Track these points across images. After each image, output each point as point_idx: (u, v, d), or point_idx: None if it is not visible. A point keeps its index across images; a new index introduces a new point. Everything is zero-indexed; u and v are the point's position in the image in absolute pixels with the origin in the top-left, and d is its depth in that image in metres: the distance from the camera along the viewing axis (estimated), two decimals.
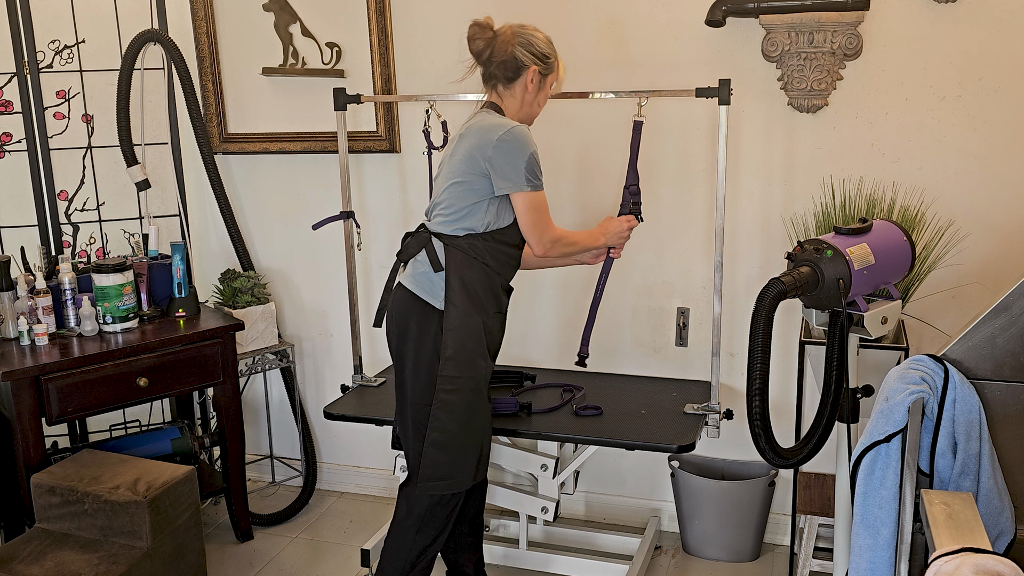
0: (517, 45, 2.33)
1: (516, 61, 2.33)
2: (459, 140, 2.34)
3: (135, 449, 2.99)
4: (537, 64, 2.34)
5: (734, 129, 2.84)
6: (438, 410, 2.31)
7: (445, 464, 2.34)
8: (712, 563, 3.01)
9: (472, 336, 2.30)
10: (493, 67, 2.36)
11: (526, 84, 2.35)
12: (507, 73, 2.35)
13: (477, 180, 2.28)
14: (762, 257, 2.93)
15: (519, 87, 2.36)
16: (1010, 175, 2.64)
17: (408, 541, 2.40)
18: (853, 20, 2.60)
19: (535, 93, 2.38)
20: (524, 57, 2.33)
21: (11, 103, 3.15)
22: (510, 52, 2.33)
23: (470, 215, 2.30)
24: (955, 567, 1.49)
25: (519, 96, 2.38)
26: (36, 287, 2.85)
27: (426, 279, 2.33)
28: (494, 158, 2.24)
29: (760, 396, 1.88)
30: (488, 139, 2.25)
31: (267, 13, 3.25)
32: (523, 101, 2.38)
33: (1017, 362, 1.83)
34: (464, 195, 2.30)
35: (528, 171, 2.26)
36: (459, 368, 2.29)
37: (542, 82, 2.38)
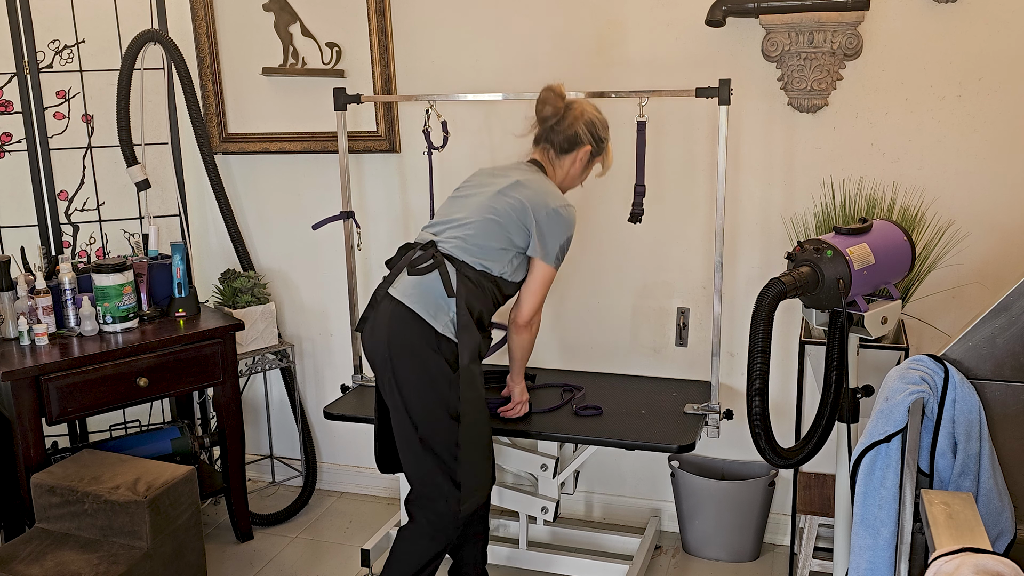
0: (583, 124, 2.46)
1: (576, 136, 2.46)
2: (512, 185, 2.41)
3: (135, 449, 2.99)
4: (592, 145, 2.48)
5: (734, 129, 2.84)
6: (471, 431, 2.33)
7: (478, 478, 2.38)
8: (712, 563, 3.01)
9: (476, 359, 2.36)
10: (554, 135, 2.48)
11: (576, 159, 2.48)
12: (564, 144, 2.48)
13: (518, 231, 2.37)
14: (762, 257, 2.93)
15: (568, 160, 2.49)
16: (1010, 175, 2.64)
17: (422, 548, 2.40)
18: (853, 20, 2.60)
19: (580, 170, 2.51)
20: (584, 135, 2.46)
21: (11, 103, 3.16)
22: (575, 130, 2.46)
23: (495, 257, 2.37)
24: (955, 567, 1.49)
25: (566, 168, 2.50)
26: (36, 287, 2.85)
27: (431, 300, 2.32)
28: (544, 223, 2.37)
29: (760, 396, 1.88)
30: (547, 203, 2.37)
31: (267, 13, 3.25)
32: (568, 173, 2.51)
33: (1017, 362, 1.83)
34: (498, 237, 2.37)
35: (561, 250, 2.41)
36: (476, 388, 2.35)
37: (589, 162, 2.52)
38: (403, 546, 2.41)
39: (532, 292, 2.42)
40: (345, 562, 3.09)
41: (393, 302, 2.34)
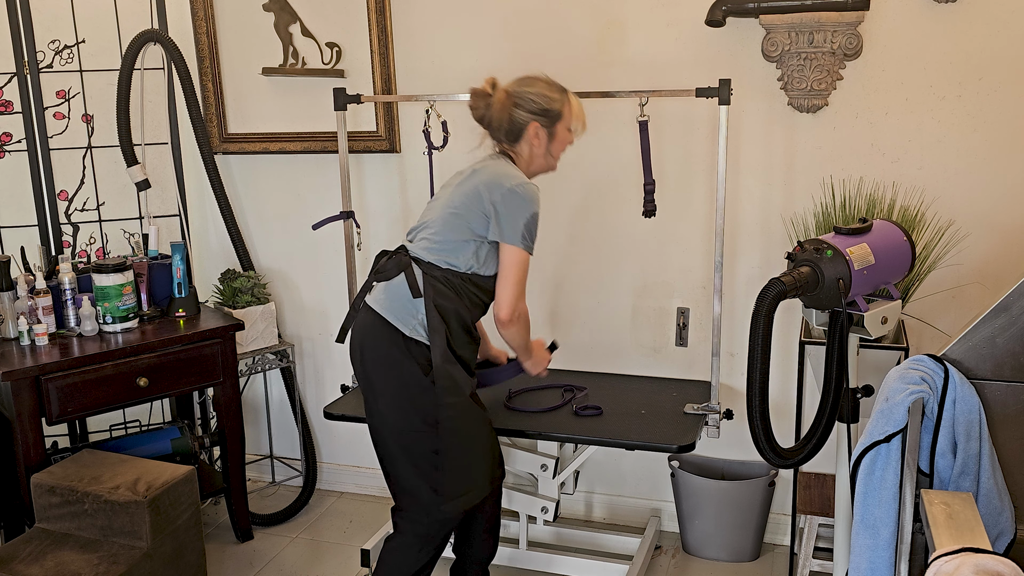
0: (512, 108, 2.32)
1: (515, 124, 2.33)
2: (470, 174, 2.34)
3: (135, 449, 2.99)
4: (538, 119, 2.33)
5: (734, 129, 2.84)
6: (449, 438, 2.29)
7: (464, 482, 2.34)
8: (712, 563, 3.01)
9: (455, 360, 2.29)
10: (495, 131, 2.38)
11: (531, 140, 2.35)
12: (509, 135, 2.36)
13: (476, 218, 2.28)
14: (762, 257, 2.93)
15: (525, 145, 2.37)
16: (1010, 175, 2.64)
17: (411, 558, 2.37)
18: (853, 20, 2.60)
19: (544, 147, 2.37)
20: (522, 117, 2.32)
21: (11, 103, 3.15)
22: (507, 116, 2.33)
23: (457, 251, 2.29)
24: (955, 567, 1.49)
25: (527, 152, 2.38)
26: (36, 287, 2.85)
27: (399, 305, 2.29)
28: (501, 205, 2.25)
29: (760, 396, 1.88)
30: (500, 184, 2.26)
31: (267, 13, 3.25)
32: (533, 155, 2.38)
33: (1017, 362, 1.83)
34: (457, 229, 2.29)
35: (526, 229, 2.26)
36: (452, 394, 2.28)
37: (550, 134, 2.36)
38: (390, 557, 2.39)
39: (504, 279, 2.29)
40: (345, 562, 3.09)
41: (367, 310, 2.35)
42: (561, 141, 2.39)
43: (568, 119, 2.38)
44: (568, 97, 2.38)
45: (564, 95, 2.36)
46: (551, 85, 2.36)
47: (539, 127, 2.33)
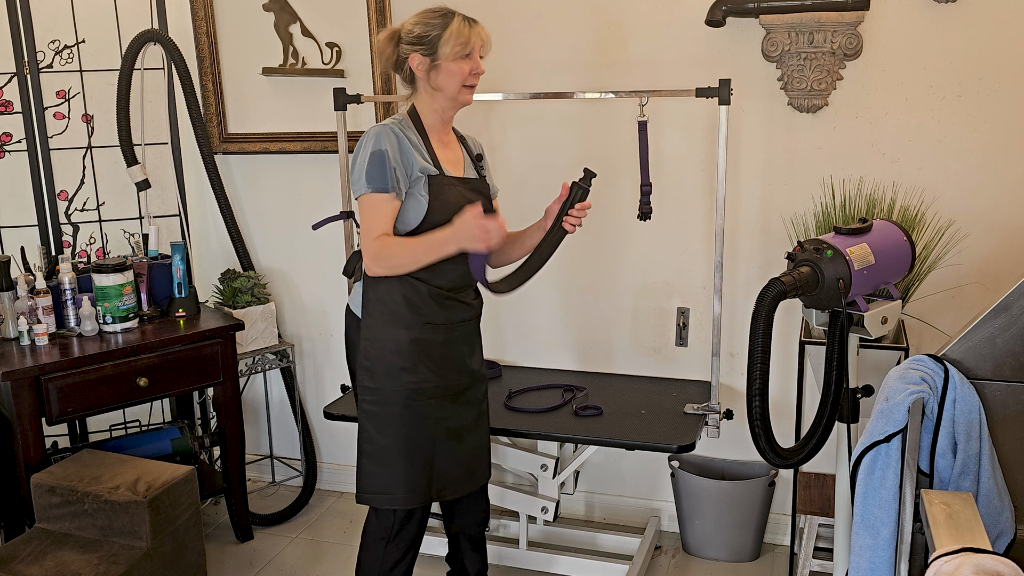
0: (396, 45, 2.19)
1: (400, 61, 2.21)
2: None
3: (135, 449, 2.99)
4: (416, 49, 2.16)
5: (734, 129, 2.84)
6: (363, 421, 2.26)
7: (379, 477, 2.26)
8: (712, 563, 3.01)
9: (392, 349, 2.20)
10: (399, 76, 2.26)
11: (419, 75, 2.19)
12: (403, 75, 2.24)
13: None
14: (762, 257, 2.93)
15: (419, 83, 2.21)
16: (1010, 175, 2.64)
17: (379, 555, 2.34)
18: (853, 20, 2.60)
19: (427, 79, 2.18)
20: (403, 51, 2.18)
21: (11, 103, 3.15)
22: (392, 52, 2.20)
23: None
24: (955, 567, 1.49)
25: (423, 91, 2.21)
26: (36, 287, 2.85)
27: (357, 292, 2.30)
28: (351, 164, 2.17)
29: (760, 396, 1.88)
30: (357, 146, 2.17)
31: (267, 13, 3.25)
32: (429, 92, 2.20)
33: (1017, 362, 1.83)
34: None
35: (368, 171, 2.10)
36: (377, 380, 2.22)
37: (433, 63, 2.16)
38: (362, 555, 2.39)
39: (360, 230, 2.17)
40: (345, 562, 3.09)
41: (347, 307, 2.37)
42: (448, 71, 2.15)
43: (450, 46, 2.13)
44: (452, 20, 2.15)
45: (445, 18, 2.15)
46: (432, 11, 2.17)
47: (420, 56, 2.16)
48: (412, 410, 2.23)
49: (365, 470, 2.28)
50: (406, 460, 2.25)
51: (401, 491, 2.26)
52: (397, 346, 2.21)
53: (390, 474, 2.25)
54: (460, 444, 2.33)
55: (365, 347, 2.23)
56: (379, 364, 2.22)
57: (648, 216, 2.60)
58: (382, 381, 2.22)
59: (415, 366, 2.22)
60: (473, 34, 2.17)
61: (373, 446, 2.26)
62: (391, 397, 2.22)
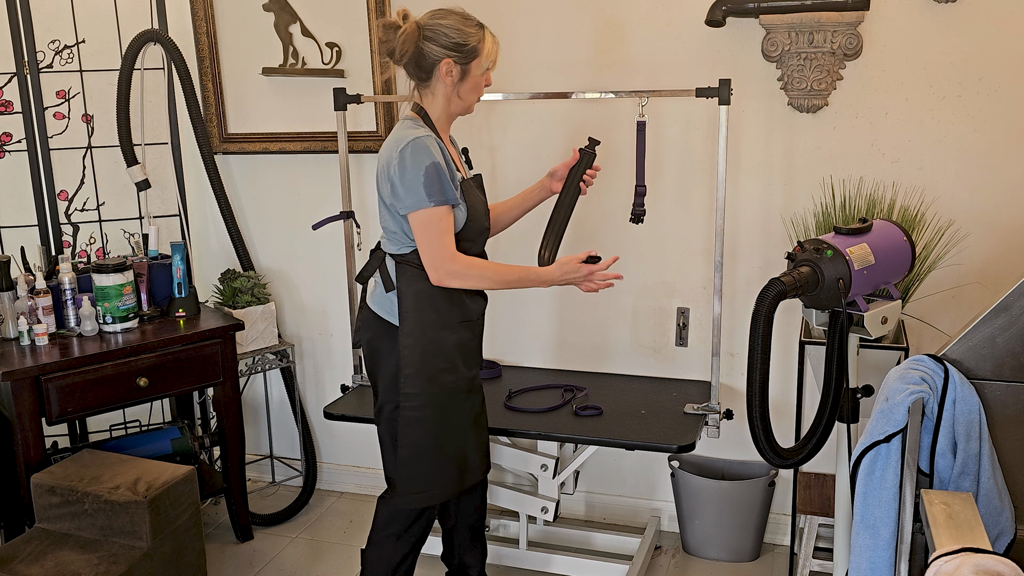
0: (423, 40, 2.14)
1: (426, 59, 2.15)
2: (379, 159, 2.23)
3: (135, 449, 2.99)
4: (451, 55, 2.15)
5: (734, 129, 2.84)
6: (405, 427, 2.27)
7: (419, 478, 2.30)
8: (712, 563, 3.01)
9: (434, 352, 2.23)
10: (406, 67, 2.20)
11: (443, 79, 2.17)
12: (420, 73, 2.19)
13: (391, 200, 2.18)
14: (762, 257, 2.93)
15: (437, 84, 2.19)
16: (1010, 175, 2.64)
17: (388, 550, 2.37)
18: (853, 20, 2.60)
19: (455, 85, 2.19)
20: (434, 52, 2.14)
21: (11, 103, 3.15)
22: (417, 50, 2.15)
23: (407, 233, 2.20)
24: (955, 567, 1.49)
25: (441, 92, 2.21)
26: (36, 287, 2.85)
27: (384, 299, 2.28)
28: (395, 177, 2.12)
29: (760, 396, 1.88)
30: (391, 159, 2.13)
31: (267, 13, 3.25)
32: (447, 97, 2.21)
33: (1017, 362, 1.83)
34: (391, 215, 2.21)
35: (426, 187, 2.09)
36: (420, 384, 2.23)
37: (463, 71, 2.18)
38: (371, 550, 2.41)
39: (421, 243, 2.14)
40: (345, 562, 3.09)
41: (366, 309, 2.35)
42: (474, 82, 2.21)
43: (481, 57, 2.18)
44: (485, 33, 2.19)
45: (481, 30, 2.18)
46: (467, 19, 2.17)
47: (452, 64, 2.15)
48: (448, 409, 2.28)
49: (406, 474, 2.30)
50: (446, 457, 2.31)
51: (438, 487, 2.31)
52: (439, 348, 2.24)
53: (430, 474, 2.30)
54: (480, 432, 2.42)
55: (408, 353, 2.22)
56: (423, 369, 2.23)
57: (641, 219, 2.57)
58: (425, 386, 2.24)
59: (454, 365, 2.27)
60: (497, 49, 2.24)
61: (415, 450, 2.28)
62: (433, 400, 2.25)
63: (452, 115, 2.28)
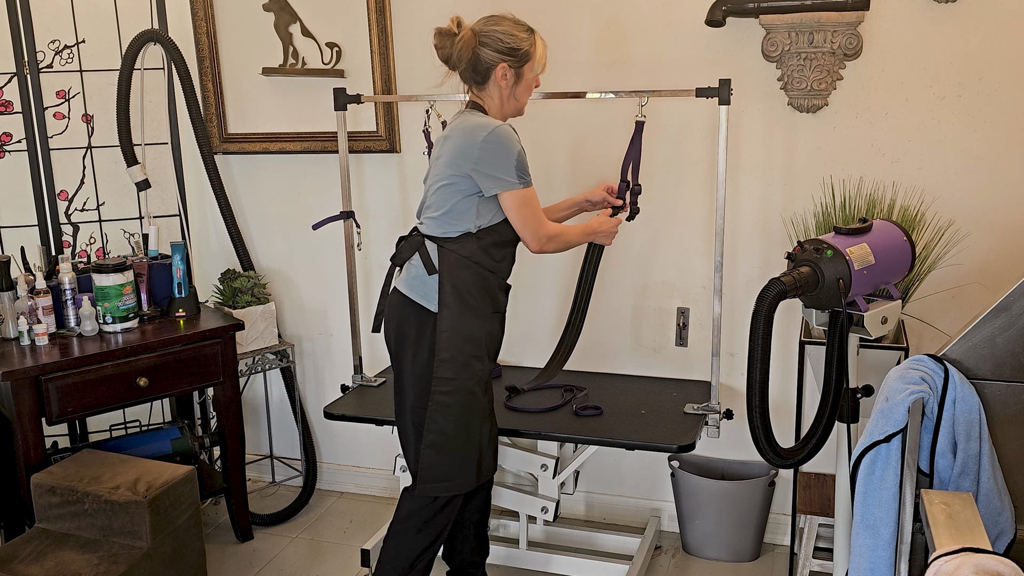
0: (479, 46, 2.27)
1: (482, 63, 2.28)
2: (444, 142, 2.33)
3: (135, 449, 2.99)
4: (506, 59, 2.28)
5: (734, 129, 2.84)
6: (435, 412, 2.31)
7: (443, 466, 2.34)
8: (712, 563, 3.01)
9: (468, 338, 2.31)
10: (463, 72, 2.33)
11: (498, 82, 2.30)
12: (476, 76, 2.32)
13: (463, 181, 2.27)
14: (762, 257, 2.93)
15: (493, 87, 2.32)
16: (1010, 175, 2.64)
17: (409, 542, 2.41)
18: (853, 20, 2.60)
19: (509, 88, 2.32)
20: (489, 57, 2.27)
21: (11, 103, 3.16)
22: (474, 55, 2.28)
23: (461, 217, 2.30)
24: (955, 567, 1.49)
25: (496, 95, 2.34)
26: (36, 287, 2.85)
27: (420, 283, 2.33)
28: (481, 159, 2.23)
29: (760, 396, 1.88)
30: (473, 140, 2.23)
31: (267, 13, 3.25)
32: (502, 98, 2.34)
33: (1017, 362, 1.83)
34: (452, 196, 2.29)
35: (518, 169, 2.25)
36: (454, 370, 2.30)
37: (517, 75, 2.31)
38: (390, 540, 2.43)
39: (521, 222, 2.30)
40: (345, 562, 3.09)
41: (396, 292, 2.40)
42: (527, 84, 2.35)
43: (534, 60, 2.32)
44: (535, 38, 2.32)
45: (532, 35, 2.31)
46: (519, 24, 2.30)
47: (507, 68, 2.28)
48: (475, 396, 2.35)
49: (430, 461, 2.34)
50: (470, 446, 2.36)
51: (461, 477, 2.36)
52: (473, 336, 2.31)
53: (454, 461, 2.35)
54: (493, 426, 2.46)
55: (445, 338, 2.29)
56: (458, 355, 2.30)
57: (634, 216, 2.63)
58: (459, 371, 2.31)
59: (483, 354, 2.35)
60: (546, 52, 2.39)
61: (443, 436, 2.33)
62: (464, 386, 2.32)
63: (505, 116, 2.38)
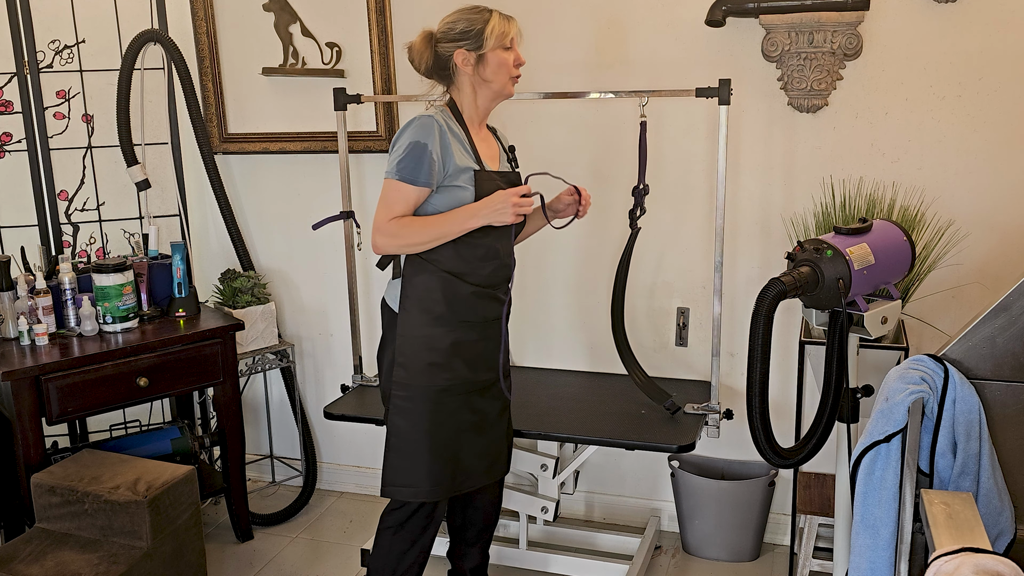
0: (431, 42, 2.23)
1: (441, 58, 2.23)
2: None
3: (135, 449, 2.99)
4: (460, 45, 2.20)
5: (734, 129, 2.84)
6: (394, 415, 2.29)
7: (405, 470, 2.29)
8: (712, 563, 3.01)
9: (427, 346, 2.24)
10: (432, 75, 2.29)
11: (462, 69, 2.22)
12: (442, 73, 2.26)
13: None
14: (762, 257, 2.93)
15: (460, 77, 2.25)
16: (1010, 175, 2.64)
17: (386, 544, 2.39)
18: (853, 20, 2.60)
19: (475, 71, 2.22)
20: (445, 48, 2.21)
21: (11, 103, 3.15)
22: (433, 53, 2.23)
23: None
24: (955, 567, 1.49)
25: (466, 85, 2.25)
26: (36, 287, 2.85)
27: (393, 286, 2.33)
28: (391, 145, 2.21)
29: (760, 396, 1.88)
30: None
31: (267, 13, 3.25)
32: (473, 85, 2.25)
33: (1017, 362, 1.83)
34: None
35: (402, 159, 2.13)
36: (409, 376, 2.25)
37: (479, 57, 2.21)
38: (374, 543, 2.42)
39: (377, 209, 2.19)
40: (345, 562, 3.09)
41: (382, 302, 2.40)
42: (497, 62, 2.22)
43: (496, 37, 2.20)
44: (490, 14, 2.22)
45: (484, 13, 2.22)
46: (472, 8, 2.23)
47: (464, 52, 2.20)
48: (443, 406, 2.28)
49: (392, 463, 2.31)
50: (433, 454, 2.29)
51: (426, 484, 2.30)
52: (433, 343, 2.25)
53: (416, 467, 2.29)
54: (482, 437, 2.38)
55: (401, 343, 2.26)
56: (414, 361, 2.25)
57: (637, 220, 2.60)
58: (416, 378, 2.25)
59: (449, 363, 2.26)
60: (512, 26, 2.25)
61: (402, 440, 2.29)
62: (424, 393, 2.26)
63: (486, 105, 2.29)
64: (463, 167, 2.20)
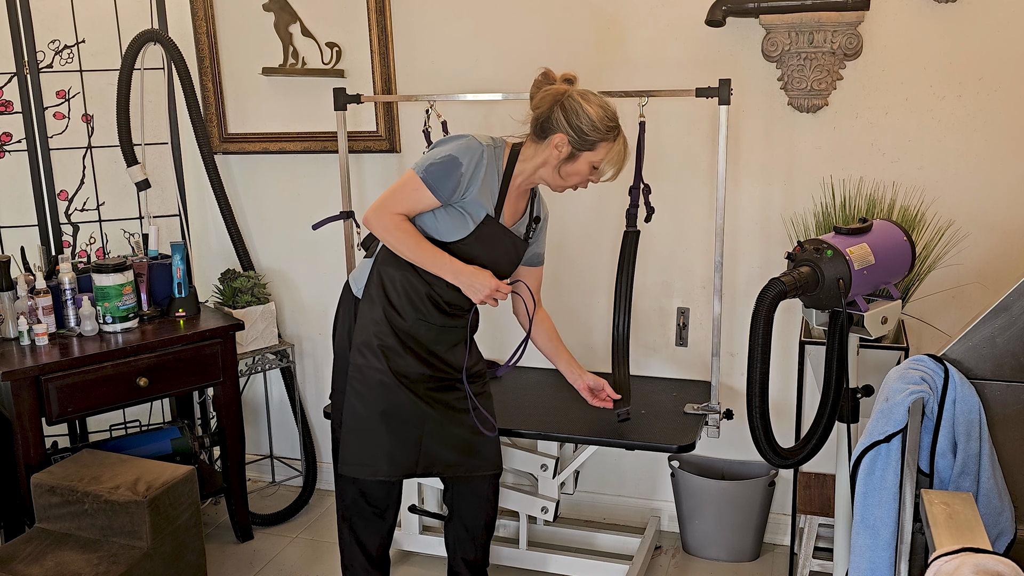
0: (557, 106, 2.21)
1: (550, 123, 2.22)
2: None
3: (135, 449, 2.99)
4: (568, 135, 2.20)
5: (734, 129, 2.84)
6: (350, 395, 2.35)
7: (361, 449, 2.35)
8: (712, 563, 3.01)
9: (386, 331, 2.31)
10: (533, 118, 2.28)
11: (552, 147, 2.24)
12: (538, 128, 2.26)
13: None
14: (762, 257, 2.93)
15: (546, 147, 2.25)
16: (1010, 175, 2.64)
17: (343, 532, 2.48)
18: (853, 20, 2.60)
19: (558, 162, 2.25)
20: (558, 122, 2.21)
21: (11, 103, 3.15)
22: (547, 110, 2.23)
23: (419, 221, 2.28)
24: (955, 567, 1.49)
25: (542, 156, 2.26)
26: (36, 287, 2.85)
27: (360, 270, 2.40)
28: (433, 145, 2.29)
29: (760, 396, 1.88)
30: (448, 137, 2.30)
31: (267, 13, 3.25)
32: (546, 162, 2.26)
33: (1017, 362, 1.83)
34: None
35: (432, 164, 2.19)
36: (367, 358, 2.31)
37: (572, 155, 2.23)
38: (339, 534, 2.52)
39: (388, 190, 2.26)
40: None
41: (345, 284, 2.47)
42: (579, 171, 2.26)
43: (599, 156, 2.24)
44: (616, 137, 2.24)
45: (612, 133, 2.22)
46: (609, 118, 2.22)
47: (565, 141, 2.22)
48: (399, 390, 2.33)
49: (348, 442, 2.36)
50: (391, 434, 2.34)
51: (384, 464, 2.35)
52: (391, 331, 2.31)
53: (372, 446, 2.34)
54: (452, 428, 2.40)
55: (362, 326, 2.32)
56: (372, 343, 2.31)
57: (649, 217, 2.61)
58: (372, 360, 2.31)
59: (403, 352, 2.32)
60: (618, 164, 2.27)
61: (357, 420, 2.34)
62: (380, 376, 2.31)
63: (537, 179, 2.32)
64: (478, 204, 2.25)
